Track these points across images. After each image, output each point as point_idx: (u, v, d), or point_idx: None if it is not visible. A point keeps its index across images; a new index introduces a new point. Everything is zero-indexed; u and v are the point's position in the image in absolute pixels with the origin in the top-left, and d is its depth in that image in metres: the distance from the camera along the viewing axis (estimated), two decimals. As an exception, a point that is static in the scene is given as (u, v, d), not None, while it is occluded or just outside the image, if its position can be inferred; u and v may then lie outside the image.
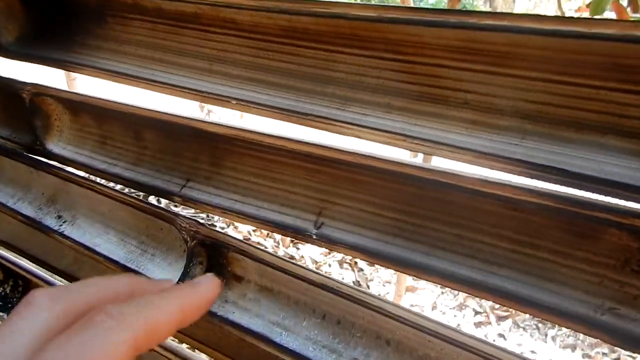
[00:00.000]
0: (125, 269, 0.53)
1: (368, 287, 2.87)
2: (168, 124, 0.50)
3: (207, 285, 0.34)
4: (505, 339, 2.60)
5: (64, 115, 0.60)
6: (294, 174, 0.45)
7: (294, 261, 0.44)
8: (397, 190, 0.40)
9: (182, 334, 0.56)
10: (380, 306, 0.40)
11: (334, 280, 0.42)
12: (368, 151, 0.40)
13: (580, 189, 0.31)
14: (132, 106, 0.53)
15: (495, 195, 0.35)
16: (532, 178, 0.33)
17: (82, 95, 0.57)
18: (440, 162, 0.39)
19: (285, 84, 0.43)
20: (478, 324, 2.69)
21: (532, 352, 2.51)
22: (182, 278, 0.49)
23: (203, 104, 4.02)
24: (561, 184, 0.32)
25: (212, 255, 0.49)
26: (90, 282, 0.31)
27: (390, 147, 0.39)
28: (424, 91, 0.38)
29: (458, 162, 0.36)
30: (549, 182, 0.32)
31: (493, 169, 0.34)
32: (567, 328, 0.33)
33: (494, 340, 2.58)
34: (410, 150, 0.37)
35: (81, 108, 0.59)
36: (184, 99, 0.46)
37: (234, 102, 0.44)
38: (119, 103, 0.54)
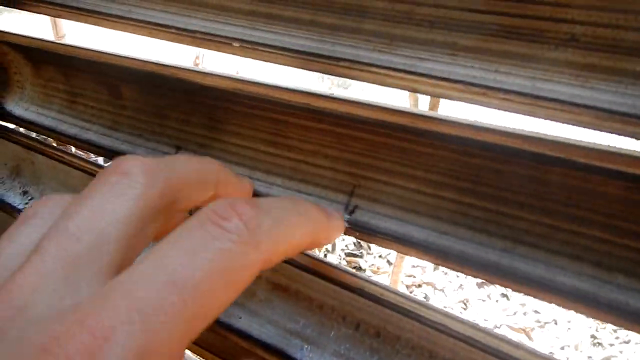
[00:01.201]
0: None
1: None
2: (150, 75, 0.38)
3: (339, 219, 0.30)
4: (508, 298, 2.54)
5: (25, 67, 0.49)
6: (317, 140, 0.34)
7: (313, 255, 0.34)
8: (462, 162, 0.30)
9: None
10: (437, 321, 0.30)
11: (369, 281, 0.32)
12: (421, 110, 0.29)
13: None
14: (105, 53, 0.41)
15: (614, 172, 0.24)
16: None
17: (45, 41, 0.45)
18: (529, 126, 0.28)
19: (305, 19, 0.32)
20: (480, 285, 2.63)
21: (536, 311, 2.46)
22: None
23: (197, 56, 3.85)
24: None
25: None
26: (193, 161, 0.26)
27: (457, 104, 0.28)
28: (509, 23, 0.26)
29: (560, 124, 0.25)
30: None
31: (626, 136, 0.23)
32: None
33: (496, 301, 2.53)
34: (493, 107, 0.26)
35: (45, 58, 0.47)
36: (171, 43, 0.35)
37: (236, 44, 0.32)
38: (90, 50, 0.42)
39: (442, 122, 0.27)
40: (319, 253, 2.78)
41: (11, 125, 0.50)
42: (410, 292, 2.61)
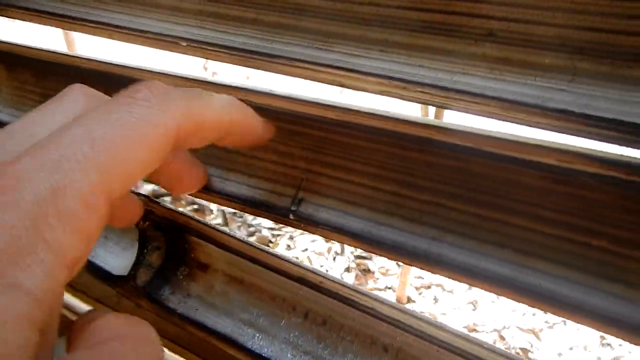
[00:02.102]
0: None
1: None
2: (114, 77, 0.40)
3: (264, 120, 0.31)
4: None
5: (0, 70, 0.50)
6: (266, 136, 0.35)
7: (266, 248, 0.35)
8: (398, 156, 0.31)
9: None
10: (374, 307, 0.31)
11: (315, 272, 0.33)
12: (359, 105, 0.30)
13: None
14: (74, 57, 0.43)
15: (532, 163, 0.25)
16: (585, 137, 0.23)
17: (18, 45, 0.47)
18: (455, 118, 0.29)
19: (249, 17, 0.33)
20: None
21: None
22: (136, 267, 0.40)
23: (206, 64, 3.89)
24: (632, 146, 0.22)
25: (170, 240, 0.40)
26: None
27: (388, 98, 0.29)
28: (433, 20, 0.27)
29: (479, 117, 0.26)
30: (613, 144, 0.22)
31: (528, 126, 0.24)
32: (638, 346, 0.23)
33: (506, 302, 2.51)
34: (413, 101, 0.27)
35: (19, 62, 0.49)
36: (119, 42, 0.36)
37: (184, 43, 0.34)
38: (60, 54, 0.44)
39: (372, 117, 0.28)
40: (328, 255, 2.79)
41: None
42: (419, 294, 2.61)
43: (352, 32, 0.30)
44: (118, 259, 0.43)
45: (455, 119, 0.30)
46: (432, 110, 2.18)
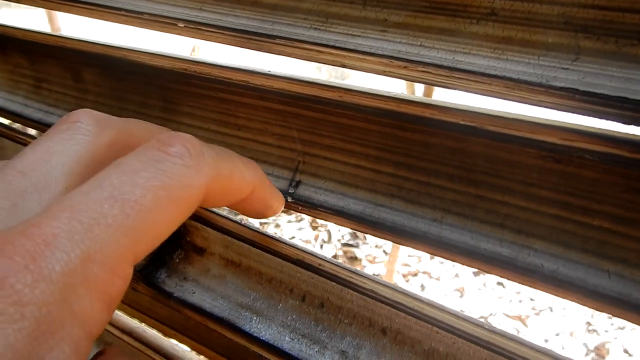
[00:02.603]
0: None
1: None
2: (107, 59, 0.39)
3: (279, 193, 0.31)
4: (503, 287, 2.55)
5: (-9, 53, 0.50)
6: (263, 118, 0.35)
7: (263, 231, 0.35)
8: (396, 137, 0.31)
9: (144, 314, 0.47)
10: (372, 289, 0.31)
11: (314, 255, 0.33)
12: (357, 85, 0.30)
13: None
14: (66, 38, 0.42)
15: (533, 142, 0.25)
16: (589, 115, 0.23)
17: (9, 27, 0.46)
18: (456, 99, 0.29)
19: (247, 0, 0.33)
20: (477, 273, 2.64)
21: (531, 299, 2.47)
22: (131, 250, 0.39)
23: (194, 45, 3.85)
24: (636, 124, 0.22)
25: (165, 223, 0.39)
26: (144, 123, 0.27)
27: (388, 79, 0.29)
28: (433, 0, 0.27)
29: (482, 97, 0.26)
30: (617, 122, 0.22)
31: (532, 104, 0.24)
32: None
33: (492, 289, 2.53)
34: (415, 81, 0.27)
35: (11, 44, 0.48)
36: (113, 23, 0.36)
37: (181, 24, 0.33)
38: (53, 35, 0.43)
39: (367, 96, 0.28)
40: (315, 243, 2.79)
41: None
42: (407, 282, 2.62)
43: (352, 12, 0.30)
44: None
45: (445, 97, 0.30)
46: (419, 90, 2.18)
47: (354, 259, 2.77)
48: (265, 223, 2.91)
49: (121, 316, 0.48)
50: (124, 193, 0.19)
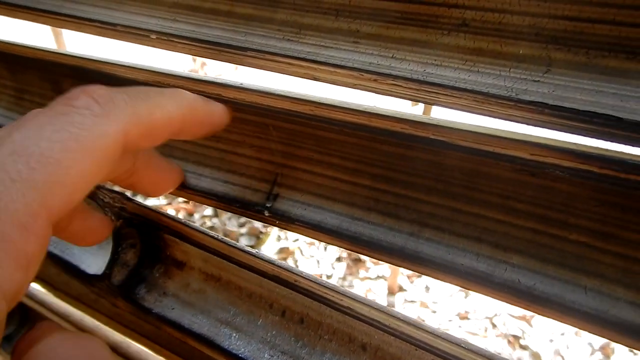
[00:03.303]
0: (49, 255, 0.43)
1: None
2: (83, 71, 0.39)
3: (218, 105, 0.30)
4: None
5: (-28, 65, 0.49)
6: (241, 130, 0.35)
7: (239, 246, 0.34)
8: (374, 149, 0.30)
9: (128, 328, 0.47)
10: (350, 307, 0.30)
11: (290, 271, 0.32)
12: (331, 98, 0.29)
13: (636, 146, 0.20)
14: (45, 51, 0.42)
15: (506, 156, 0.24)
16: (561, 130, 0.22)
17: (-10, 39, 0.46)
18: (439, 112, 0.28)
19: (223, 10, 0.32)
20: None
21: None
22: (110, 265, 0.39)
23: (195, 57, 3.84)
24: (605, 139, 0.21)
25: (145, 237, 0.39)
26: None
27: (359, 91, 0.28)
28: (405, 10, 0.27)
29: (453, 110, 0.25)
30: (586, 136, 0.21)
31: (502, 119, 0.23)
32: (619, 344, 0.23)
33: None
34: (385, 94, 0.26)
35: (-7, 56, 0.48)
36: (89, 35, 0.35)
37: (153, 36, 0.33)
38: (33, 48, 0.43)
39: (338, 110, 0.28)
40: (319, 245, 2.78)
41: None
42: (411, 283, 2.61)
43: (325, 23, 0.29)
44: (93, 258, 0.42)
45: (442, 113, 0.29)
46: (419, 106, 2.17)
47: (358, 261, 2.75)
48: (269, 226, 2.90)
49: (106, 330, 0.47)
50: (28, 147, 0.18)
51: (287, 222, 0.32)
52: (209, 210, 2.89)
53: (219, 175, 0.36)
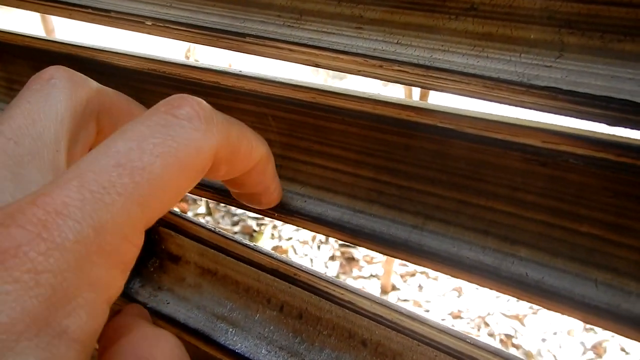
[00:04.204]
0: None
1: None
2: (76, 59, 0.38)
3: (279, 185, 0.30)
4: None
5: (-39, 54, 0.48)
6: (239, 120, 0.34)
7: (236, 238, 0.33)
8: (377, 139, 0.29)
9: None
10: (351, 301, 0.29)
11: (289, 264, 0.31)
12: (331, 86, 0.28)
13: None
14: (35, 38, 0.40)
15: (517, 145, 0.23)
16: (573, 116, 0.21)
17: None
18: (440, 100, 0.27)
19: (220, -4, 0.31)
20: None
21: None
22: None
23: (188, 51, 3.83)
24: (622, 125, 0.20)
25: (139, 230, 0.38)
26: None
27: (364, 78, 0.27)
28: (410, -6, 0.26)
29: (461, 97, 0.24)
30: (602, 123, 0.21)
31: (513, 105, 0.22)
32: (631, 339, 0.22)
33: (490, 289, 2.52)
34: (390, 80, 0.25)
35: (-18, 45, 0.46)
36: (80, 22, 0.34)
37: (148, 22, 0.32)
38: (22, 35, 0.42)
39: (341, 97, 0.27)
40: (312, 243, 2.78)
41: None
42: (404, 282, 2.61)
43: (327, 8, 0.28)
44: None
45: (440, 100, 0.28)
46: (416, 93, 2.17)
47: (351, 259, 2.75)
48: (263, 224, 2.89)
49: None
50: (132, 160, 0.19)
51: (286, 214, 0.31)
52: (202, 208, 2.88)
53: (215, 166, 0.35)
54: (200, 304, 0.36)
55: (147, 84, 0.36)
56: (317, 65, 0.27)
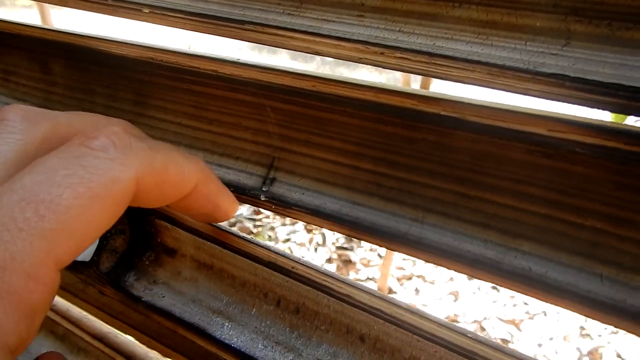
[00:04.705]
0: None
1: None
2: (73, 48, 0.37)
3: (231, 195, 0.29)
4: (498, 290, 2.53)
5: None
6: (236, 111, 0.33)
7: (233, 231, 0.32)
8: (377, 131, 0.28)
9: (116, 319, 0.45)
10: (349, 295, 0.28)
11: (287, 257, 0.30)
12: (332, 74, 0.28)
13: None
14: (32, 27, 0.40)
15: (521, 135, 0.23)
16: (582, 104, 0.21)
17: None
18: (439, 88, 0.27)
19: (219, -16, 0.31)
20: (471, 277, 2.63)
21: (525, 303, 2.45)
22: (99, 252, 0.37)
23: (190, 46, 3.83)
24: (632, 113, 0.20)
25: (134, 222, 0.37)
26: (82, 114, 0.25)
27: (365, 67, 0.27)
28: (413, -18, 0.25)
29: (464, 86, 0.24)
30: (611, 111, 0.20)
31: (518, 93, 0.22)
32: (638, 336, 0.21)
33: (486, 293, 2.52)
34: (392, 68, 0.25)
35: (-22, 35, 0.46)
36: (77, 10, 0.33)
37: (146, 10, 0.31)
38: (18, 24, 0.41)
39: (342, 85, 0.26)
40: (309, 246, 2.77)
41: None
42: (401, 285, 2.60)
43: (327, -4, 0.28)
44: (80, 245, 0.40)
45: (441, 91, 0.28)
46: (415, 87, 2.17)
47: (348, 262, 2.74)
48: (260, 225, 2.89)
49: (93, 321, 0.46)
50: (38, 193, 0.18)
51: (284, 206, 0.31)
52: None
53: (212, 158, 0.35)
54: (196, 298, 0.35)
55: (145, 74, 0.35)
56: (317, 53, 0.26)
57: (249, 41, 0.29)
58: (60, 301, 0.48)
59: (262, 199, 0.31)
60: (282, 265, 0.31)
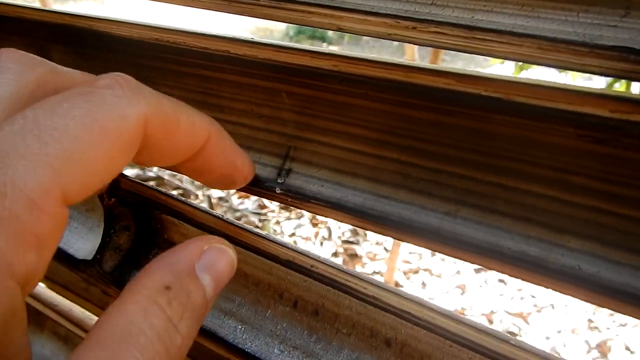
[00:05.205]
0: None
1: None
2: (74, 32, 0.35)
3: (247, 156, 0.28)
4: (505, 284, 2.51)
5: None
6: (248, 98, 0.31)
7: (247, 227, 0.30)
8: (404, 116, 0.26)
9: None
10: (374, 295, 0.26)
11: (306, 255, 0.28)
12: (358, 54, 0.25)
13: None
14: (29, 8, 0.37)
15: (571, 117, 0.20)
16: (644, 82, 0.18)
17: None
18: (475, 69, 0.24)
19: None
20: (478, 270, 2.61)
21: (533, 296, 2.43)
22: (102, 249, 0.35)
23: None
24: None
25: (139, 218, 0.35)
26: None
27: (392, 45, 0.24)
28: (447, -51, 0.23)
29: (507, 64, 0.21)
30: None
31: (574, 70, 0.19)
32: None
33: (494, 286, 2.50)
34: (425, 45, 0.22)
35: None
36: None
37: (151, -14, 0.29)
38: (14, 5, 0.39)
39: (367, 64, 0.24)
40: (315, 240, 2.75)
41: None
42: (408, 279, 2.59)
43: (351, -32, 0.25)
44: (82, 241, 0.38)
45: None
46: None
47: (354, 256, 2.73)
48: (265, 220, 2.87)
49: (95, 321, 0.43)
50: (40, 122, 0.17)
51: (301, 200, 0.28)
52: (204, 204, 2.85)
53: (223, 148, 0.32)
54: (206, 299, 0.33)
55: (151, 59, 0.33)
56: (339, 29, 0.24)
57: (263, 18, 0.26)
58: (62, 301, 0.46)
59: (278, 191, 0.29)
60: (300, 264, 0.28)
